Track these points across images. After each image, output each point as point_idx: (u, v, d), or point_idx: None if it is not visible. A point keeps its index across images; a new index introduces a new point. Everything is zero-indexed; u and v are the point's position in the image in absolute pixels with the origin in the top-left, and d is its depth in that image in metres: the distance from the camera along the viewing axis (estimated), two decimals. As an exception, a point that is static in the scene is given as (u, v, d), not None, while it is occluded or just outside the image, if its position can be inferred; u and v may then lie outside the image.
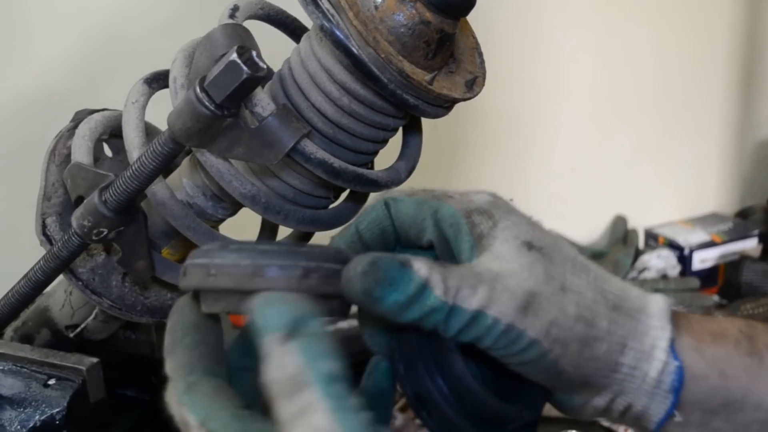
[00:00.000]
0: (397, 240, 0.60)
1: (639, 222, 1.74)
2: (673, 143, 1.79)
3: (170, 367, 0.50)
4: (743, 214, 1.82)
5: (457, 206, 0.56)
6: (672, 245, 1.66)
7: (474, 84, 0.69)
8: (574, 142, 1.69)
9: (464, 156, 1.58)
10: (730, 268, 1.65)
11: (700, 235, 1.67)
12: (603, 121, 1.71)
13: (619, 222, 1.73)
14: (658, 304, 0.56)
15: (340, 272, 0.51)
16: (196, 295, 0.53)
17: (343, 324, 1.13)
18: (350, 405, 0.41)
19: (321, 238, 0.68)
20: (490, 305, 0.50)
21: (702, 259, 1.65)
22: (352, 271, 0.50)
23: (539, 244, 0.54)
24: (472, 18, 0.69)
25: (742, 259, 1.63)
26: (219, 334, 0.53)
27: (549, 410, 1.10)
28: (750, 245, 1.68)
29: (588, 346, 0.53)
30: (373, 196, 0.63)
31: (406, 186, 0.64)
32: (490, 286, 0.51)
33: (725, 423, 0.56)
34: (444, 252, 0.57)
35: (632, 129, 1.74)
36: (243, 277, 0.50)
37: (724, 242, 1.66)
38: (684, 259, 1.64)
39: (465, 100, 0.67)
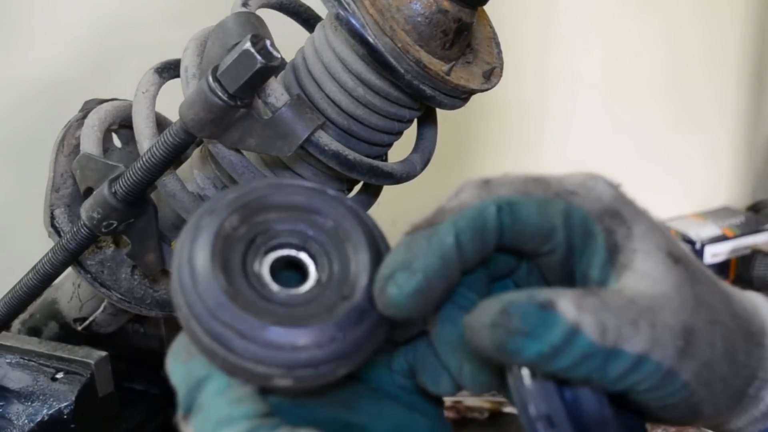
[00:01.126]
0: (499, 249, 0.46)
1: (650, 215, 1.73)
2: (684, 136, 1.78)
3: None
4: (755, 208, 1.80)
5: (586, 206, 0.45)
6: (683, 239, 1.65)
7: (491, 75, 0.67)
8: (584, 135, 1.68)
9: (473, 148, 1.57)
10: (742, 262, 1.63)
11: (711, 229, 1.66)
12: (614, 113, 1.69)
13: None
14: None
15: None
16: None
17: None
18: None
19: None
20: (654, 347, 0.42)
21: (713, 254, 1.63)
22: (478, 323, 0.41)
23: (679, 254, 0.45)
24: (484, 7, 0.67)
25: (754, 253, 1.61)
26: None
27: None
28: (762, 239, 1.66)
29: (728, 384, 0.46)
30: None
31: (489, 171, 0.48)
32: (651, 322, 0.42)
33: None
34: (558, 263, 0.46)
35: (643, 122, 1.73)
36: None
37: (735, 236, 1.65)
38: (695, 253, 1.62)
39: (482, 91, 0.66)
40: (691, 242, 1.63)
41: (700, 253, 1.62)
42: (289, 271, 0.45)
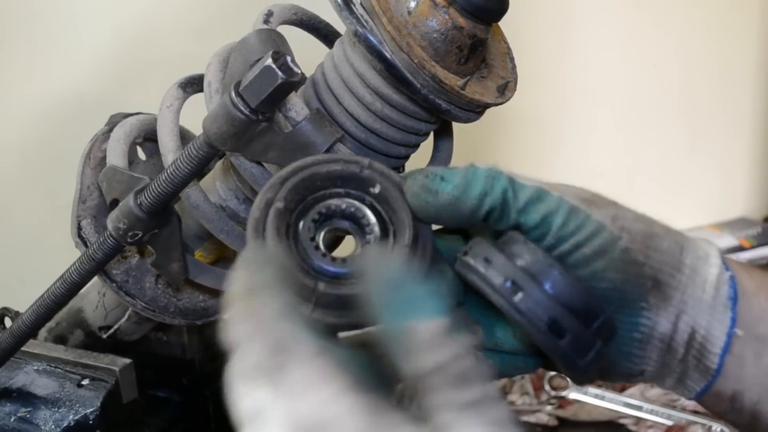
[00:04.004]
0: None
1: (667, 226, 1.73)
2: (701, 147, 1.78)
3: (265, 277, 0.41)
4: (772, 219, 1.81)
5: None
6: (700, 250, 1.65)
7: (506, 89, 0.69)
8: (601, 147, 1.69)
9: (491, 160, 1.58)
10: (759, 273, 1.63)
11: (728, 240, 1.66)
12: (631, 125, 1.70)
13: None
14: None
15: None
16: None
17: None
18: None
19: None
20: (553, 190, 0.55)
21: (730, 264, 1.63)
22: (411, 182, 0.56)
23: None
24: (500, 21, 0.69)
25: (771, 263, 1.62)
26: None
27: (576, 414, 1.10)
28: (779, 250, 1.67)
29: (652, 239, 0.56)
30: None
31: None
32: (551, 186, 0.56)
33: None
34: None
35: (660, 133, 1.73)
36: None
37: (752, 247, 1.65)
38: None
39: (497, 105, 0.68)
40: (707, 253, 1.63)
41: (716, 264, 1.62)
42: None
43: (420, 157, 0.74)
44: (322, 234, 0.56)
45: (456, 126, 0.74)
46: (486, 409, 0.37)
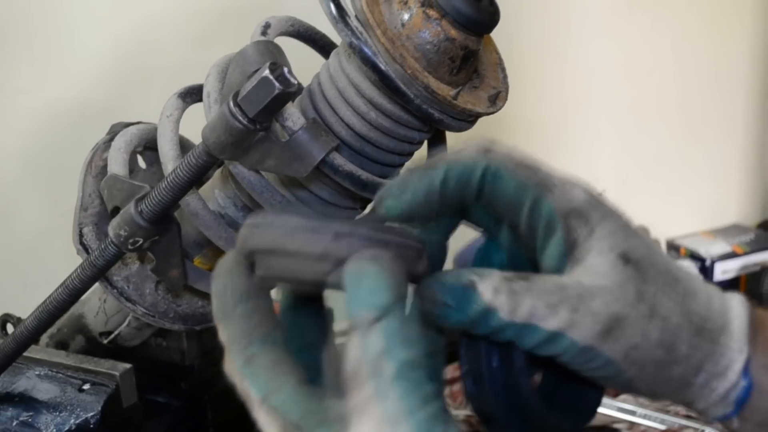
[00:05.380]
0: (476, 202, 0.54)
1: (661, 233, 1.74)
2: (695, 154, 1.79)
3: (225, 336, 0.47)
4: (765, 226, 1.82)
5: (556, 203, 0.52)
6: (693, 256, 1.66)
7: (497, 99, 0.70)
8: (595, 153, 1.70)
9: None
10: (752, 279, 1.65)
11: (721, 246, 1.68)
12: (625, 131, 1.71)
13: (641, 232, 1.73)
14: (739, 318, 0.53)
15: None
16: (249, 257, 0.49)
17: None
18: (423, 394, 0.41)
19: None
20: (570, 329, 0.49)
21: (723, 270, 1.65)
22: (420, 293, 0.50)
23: (635, 255, 0.51)
24: (497, 29, 0.70)
25: (764, 270, 1.63)
26: (269, 298, 0.50)
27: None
28: (772, 256, 1.68)
29: (664, 370, 0.52)
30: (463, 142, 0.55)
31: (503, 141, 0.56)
32: (573, 308, 0.49)
33: None
34: (524, 241, 0.54)
35: (654, 139, 1.75)
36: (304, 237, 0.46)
37: (745, 253, 1.67)
38: (705, 270, 1.64)
39: (488, 114, 0.69)
40: (701, 259, 1.65)
41: (710, 270, 1.64)
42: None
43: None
44: None
45: (452, 134, 0.75)
46: (378, 405, 0.41)
